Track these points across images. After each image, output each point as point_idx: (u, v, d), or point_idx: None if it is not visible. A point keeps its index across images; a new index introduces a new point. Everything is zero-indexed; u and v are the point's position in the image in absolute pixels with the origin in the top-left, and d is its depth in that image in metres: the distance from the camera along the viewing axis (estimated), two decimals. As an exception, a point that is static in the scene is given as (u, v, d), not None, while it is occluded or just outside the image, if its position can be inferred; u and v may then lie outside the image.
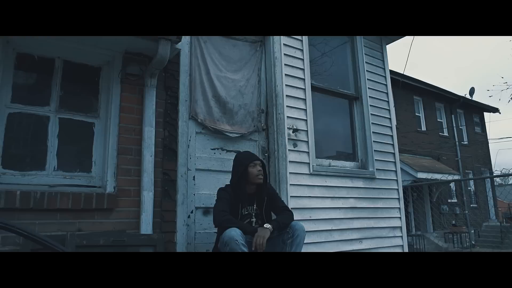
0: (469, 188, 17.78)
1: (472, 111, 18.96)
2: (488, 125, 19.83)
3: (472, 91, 19.23)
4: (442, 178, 13.09)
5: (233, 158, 2.92)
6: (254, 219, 2.78)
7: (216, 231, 2.74)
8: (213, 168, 3.30)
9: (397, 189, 4.45)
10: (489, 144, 19.69)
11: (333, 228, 3.75)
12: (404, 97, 15.38)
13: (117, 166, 2.77)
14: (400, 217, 4.39)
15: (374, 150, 4.32)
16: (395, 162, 4.53)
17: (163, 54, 2.72)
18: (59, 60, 2.83)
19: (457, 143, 17.18)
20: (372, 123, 4.40)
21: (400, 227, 4.37)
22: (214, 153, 3.35)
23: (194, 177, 3.17)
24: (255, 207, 2.81)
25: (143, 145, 2.85)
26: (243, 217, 2.73)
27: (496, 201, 19.19)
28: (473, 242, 15.26)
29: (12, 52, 2.66)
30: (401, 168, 13.76)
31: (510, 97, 19.09)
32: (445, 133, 17.04)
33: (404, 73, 14.89)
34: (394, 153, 4.55)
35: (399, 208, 4.41)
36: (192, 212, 3.10)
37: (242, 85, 3.61)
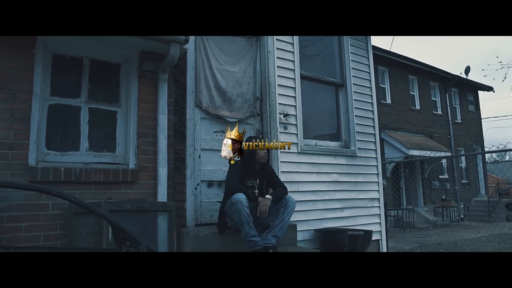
0: (460, 164, 18.46)
1: (466, 89, 19.38)
2: (481, 104, 20.25)
3: (467, 70, 19.56)
4: (433, 155, 13.71)
5: (245, 140, 3.51)
6: (256, 191, 3.41)
7: (221, 200, 3.39)
8: (215, 148, 3.90)
9: (376, 166, 5.09)
10: (482, 122, 20.24)
11: (318, 198, 4.40)
12: (399, 76, 15.83)
13: (137, 147, 3.38)
14: (378, 190, 5.05)
15: (356, 132, 4.92)
16: (375, 142, 5.14)
17: (173, 54, 3.28)
18: (86, 59, 3.39)
19: (450, 121, 17.74)
20: (355, 107, 4.98)
21: (378, 199, 5.04)
22: (216, 135, 3.96)
23: (199, 155, 3.79)
24: (257, 181, 3.44)
25: (158, 130, 3.46)
26: (247, 187, 3.35)
27: (487, 177, 19.91)
28: (461, 216, 16.09)
29: (49, 53, 3.22)
30: (393, 145, 14.34)
31: (504, 77, 19.41)
32: (439, 112, 17.56)
33: (401, 54, 15.27)
34: (374, 134, 5.16)
35: (378, 182, 5.06)
36: (198, 184, 3.73)
37: (239, 76, 4.18)
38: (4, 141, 2.81)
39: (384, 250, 5.11)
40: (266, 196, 3.19)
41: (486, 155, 23.69)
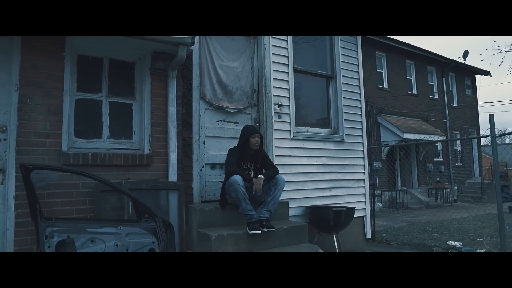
0: (455, 147, 18.98)
1: (463, 74, 19.68)
2: (478, 88, 20.59)
3: (465, 54, 19.79)
4: (428, 139, 14.18)
5: (242, 128, 4.09)
6: (252, 172, 4.00)
7: (222, 180, 3.97)
8: (218, 135, 4.48)
9: (363, 150, 5.64)
10: (479, 106, 20.64)
11: (308, 179, 4.98)
12: (396, 61, 16.18)
13: (150, 135, 3.95)
14: (364, 172, 5.62)
15: (345, 119, 5.46)
16: (362, 129, 5.68)
17: (181, 55, 3.80)
18: (106, 58, 3.92)
19: (446, 105, 18.16)
20: (344, 97, 5.51)
21: (364, 180, 5.61)
22: (218, 124, 4.51)
23: (204, 142, 4.35)
24: (252, 164, 4.03)
25: (168, 120, 4.02)
26: (243, 169, 3.94)
27: (481, 160, 20.44)
28: (455, 198, 16.70)
29: (74, 54, 3.75)
30: (389, 129, 14.82)
31: (501, 61, 19.73)
32: (436, 96, 17.97)
33: (399, 39, 15.63)
34: (361, 122, 5.70)
35: (363, 165, 5.63)
36: (203, 167, 4.31)
37: (239, 71, 4.70)
38: (43, 131, 3.38)
39: (369, 226, 5.72)
40: (259, 176, 3.77)
41: (485, 138, 24.15)
